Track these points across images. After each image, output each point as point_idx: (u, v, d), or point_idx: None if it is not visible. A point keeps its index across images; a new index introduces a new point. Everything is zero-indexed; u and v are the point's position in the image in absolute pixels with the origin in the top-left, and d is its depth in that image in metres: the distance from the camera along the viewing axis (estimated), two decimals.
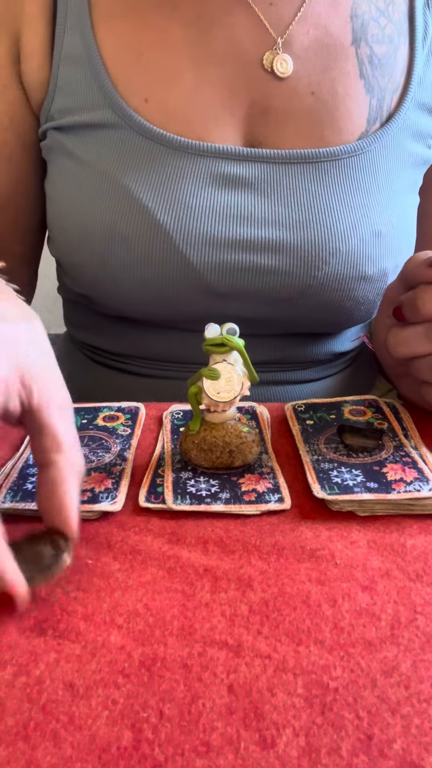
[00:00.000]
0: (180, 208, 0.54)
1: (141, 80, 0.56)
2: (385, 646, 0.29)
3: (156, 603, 0.31)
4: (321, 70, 0.57)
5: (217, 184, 0.55)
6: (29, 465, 0.43)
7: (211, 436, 0.41)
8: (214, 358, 0.40)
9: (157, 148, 0.55)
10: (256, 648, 0.29)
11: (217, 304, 0.57)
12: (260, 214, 0.55)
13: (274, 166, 0.56)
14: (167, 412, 0.50)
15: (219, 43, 0.56)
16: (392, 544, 0.35)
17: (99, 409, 0.50)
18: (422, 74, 0.60)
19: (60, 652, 0.29)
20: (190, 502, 0.38)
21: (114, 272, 0.56)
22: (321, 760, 0.24)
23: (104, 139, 0.56)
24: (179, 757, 0.24)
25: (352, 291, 0.57)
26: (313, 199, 0.56)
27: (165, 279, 0.55)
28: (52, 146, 0.59)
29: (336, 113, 0.57)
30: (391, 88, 0.59)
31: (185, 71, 0.56)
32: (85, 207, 0.56)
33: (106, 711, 0.26)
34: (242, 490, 0.39)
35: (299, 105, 0.57)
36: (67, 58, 0.57)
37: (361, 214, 0.56)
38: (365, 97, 0.58)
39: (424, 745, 0.24)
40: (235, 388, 0.40)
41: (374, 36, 0.58)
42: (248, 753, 0.24)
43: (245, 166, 0.56)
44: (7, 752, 0.24)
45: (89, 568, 0.34)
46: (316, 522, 0.37)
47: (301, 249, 0.55)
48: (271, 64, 0.56)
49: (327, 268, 0.56)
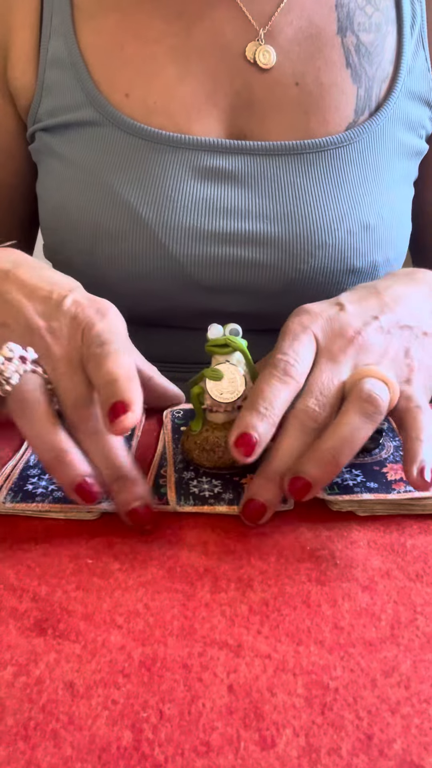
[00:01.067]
0: (162, 202, 0.54)
1: (122, 75, 0.56)
2: (385, 646, 0.29)
3: (156, 603, 0.31)
4: (305, 61, 0.56)
5: (201, 178, 0.55)
6: (29, 466, 0.42)
7: (213, 436, 0.41)
8: (216, 358, 0.40)
9: (138, 142, 0.55)
10: (256, 648, 0.29)
11: (205, 299, 0.57)
12: (244, 207, 0.55)
13: (259, 159, 0.55)
14: (167, 412, 0.50)
15: (201, 35, 0.56)
16: (392, 544, 0.35)
17: None
18: (411, 63, 0.59)
19: (60, 652, 0.29)
20: (194, 503, 0.38)
21: (101, 269, 0.56)
22: (321, 760, 0.24)
23: (87, 137, 0.56)
24: (179, 757, 0.24)
25: (341, 284, 0.56)
26: (299, 191, 0.55)
27: (151, 274, 0.55)
28: (40, 148, 0.59)
29: (322, 104, 0.57)
30: (380, 77, 0.58)
31: (167, 65, 0.56)
32: (71, 205, 0.56)
33: (106, 711, 0.26)
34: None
35: (283, 96, 0.56)
36: (52, 61, 0.57)
37: (348, 206, 0.55)
38: (352, 87, 0.57)
39: (424, 745, 0.24)
40: (238, 389, 0.40)
41: (361, 24, 0.57)
42: (248, 753, 0.24)
43: (229, 158, 0.55)
44: (7, 752, 0.24)
45: (89, 568, 0.34)
46: (316, 522, 0.37)
47: (286, 242, 0.55)
48: (254, 56, 0.56)
49: (314, 261, 0.55)
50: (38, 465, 0.43)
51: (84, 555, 0.35)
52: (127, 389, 0.34)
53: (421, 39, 0.60)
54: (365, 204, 0.56)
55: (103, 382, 0.35)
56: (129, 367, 0.35)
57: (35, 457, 0.43)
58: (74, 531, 0.37)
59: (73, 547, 0.35)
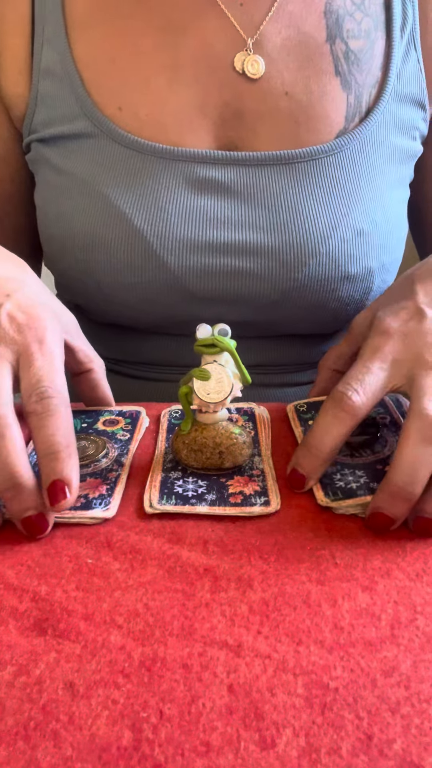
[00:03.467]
0: (156, 213, 0.54)
1: (114, 88, 0.56)
2: (385, 646, 0.29)
3: (156, 603, 0.31)
4: (295, 69, 0.56)
5: (193, 189, 0.55)
6: None
7: (201, 436, 0.41)
8: (205, 358, 0.40)
9: (132, 155, 0.55)
10: (256, 648, 0.29)
11: (200, 308, 0.57)
12: (236, 218, 0.55)
13: (250, 169, 0.56)
14: (165, 411, 0.50)
15: (190, 47, 0.56)
16: (392, 544, 0.35)
17: (100, 413, 0.50)
18: (401, 66, 0.59)
19: (60, 652, 0.29)
20: (175, 503, 0.38)
21: (97, 278, 0.57)
22: (321, 760, 0.24)
23: (83, 148, 0.56)
24: (179, 757, 0.24)
25: (335, 291, 0.57)
26: (290, 200, 0.55)
27: (146, 284, 0.56)
28: (37, 159, 0.60)
29: (312, 112, 0.56)
30: (369, 83, 0.58)
31: (157, 77, 0.56)
32: (67, 215, 0.56)
33: (106, 711, 0.26)
34: (229, 492, 0.39)
35: (273, 106, 0.56)
36: (45, 71, 0.57)
37: (341, 214, 0.55)
38: (342, 94, 0.57)
39: (424, 745, 0.24)
40: (225, 389, 0.40)
41: (350, 31, 0.57)
42: (248, 753, 0.24)
43: (220, 169, 0.55)
44: (7, 752, 0.24)
45: (89, 568, 0.34)
46: (316, 522, 0.37)
47: (279, 251, 0.55)
48: (242, 66, 0.56)
49: (307, 270, 0.55)
50: (34, 468, 0.42)
51: (84, 555, 0.35)
52: (66, 466, 0.35)
53: (412, 40, 0.59)
54: (358, 211, 0.56)
55: (44, 452, 0.36)
56: (67, 432, 0.37)
57: (32, 460, 0.43)
58: (74, 531, 0.37)
59: (73, 547, 0.35)
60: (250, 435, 0.45)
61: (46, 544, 0.36)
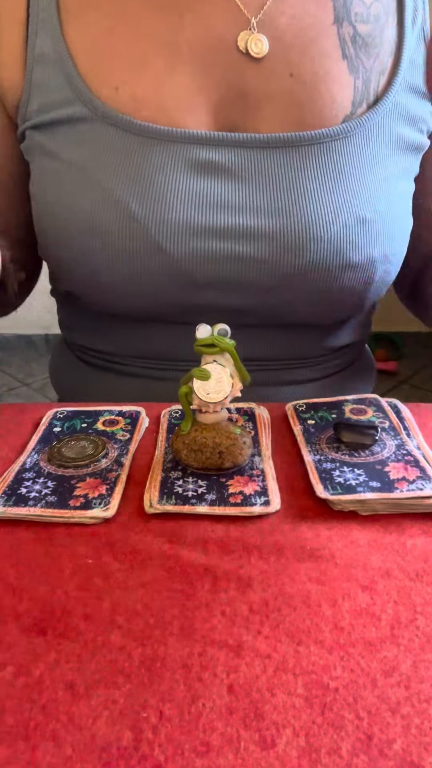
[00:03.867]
0: (153, 197, 0.53)
1: (111, 70, 0.55)
2: (385, 646, 0.29)
3: (156, 603, 0.31)
4: (300, 51, 0.55)
5: (192, 171, 0.54)
6: (25, 469, 0.42)
7: (201, 436, 0.41)
8: (205, 358, 0.40)
9: (128, 137, 0.54)
10: (256, 648, 0.29)
11: (199, 294, 0.56)
12: (237, 201, 0.54)
13: (252, 151, 0.54)
14: (165, 411, 0.50)
15: (192, 26, 0.55)
16: (392, 544, 0.35)
17: (100, 413, 0.50)
18: (413, 55, 0.58)
19: (60, 652, 0.29)
20: (175, 503, 0.38)
21: (94, 265, 0.55)
22: (321, 760, 0.24)
23: (77, 133, 0.55)
24: (179, 757, 0.24)
25: (337, 280, 0.56)
26: (293, 184, 0.54)
27: (143, 270, 0.54)
28: (31, 146, 0.59)
29: (316, 95, 0.55)
30: (378, 70, 0.57)
31: (156, 57, 0.55)
32: (63, 202, 0.55)
33: (106, 711, 0.26)
34: (229, 492, 0.39)
35: (277, 87, 0.55)
36: (39, 58, 0.57)
37: (344, 200, 0.54)
38: (349, 78, 0.56)
39: (424, 745, 0.24)
40: (225, 389, 0.40)
41: (358, 15, 0.56)
42: (248, 753, 0.24)
43: (221, 151, 0.54)
44: (7, 752, 0.24)
45: (89, 568, 0.34)
46: (316, 522, 0.37)
47: (280, 236, 0.54)
48: (246, 45, 0.54)
49: (309, 256, 0.54)
50: (34, 468, 0.42)
51: (84, 555, 0.35)
52: None
53: (422, 33, 0.59)
54: (361, 198, 0.55)
55: None
56: None
57: (32, 460, 0.43)
58: (74, 531, 0.37)
59: (73, 547, 0.35)
60: (250, 435, 0.45)
61: (46, 544, 0.36)
